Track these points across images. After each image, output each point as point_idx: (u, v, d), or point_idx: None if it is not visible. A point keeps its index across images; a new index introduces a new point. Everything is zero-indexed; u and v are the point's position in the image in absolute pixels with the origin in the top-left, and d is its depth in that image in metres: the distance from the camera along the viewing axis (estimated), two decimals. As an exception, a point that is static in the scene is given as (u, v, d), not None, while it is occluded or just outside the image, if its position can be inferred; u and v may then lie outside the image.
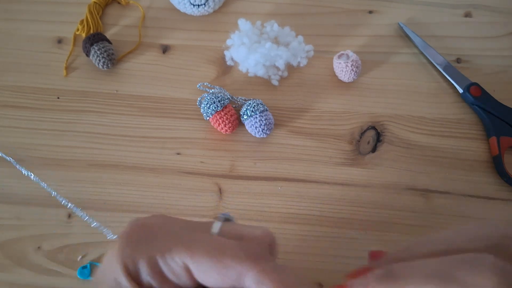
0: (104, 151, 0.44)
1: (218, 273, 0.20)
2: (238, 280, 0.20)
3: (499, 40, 0.50)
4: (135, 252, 0.20)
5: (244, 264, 0.20)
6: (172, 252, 0.20)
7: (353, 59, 0.45)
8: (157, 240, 0.20)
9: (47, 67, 0.48)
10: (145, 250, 0.20)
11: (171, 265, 0.20)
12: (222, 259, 0.20)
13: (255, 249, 0.21)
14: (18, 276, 0.40)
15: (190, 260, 0.20)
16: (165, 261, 0.20)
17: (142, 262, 0.20)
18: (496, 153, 0.43)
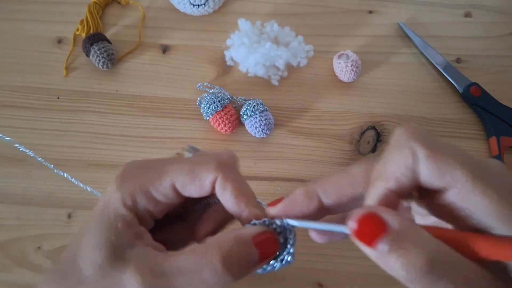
0: (104, 151, 0.44)
1: (197, 184, 0.24)
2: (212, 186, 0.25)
3: (499, 40, 0.50)
4: (131, 187, 0.24)
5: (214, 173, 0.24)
6: (160, 179, 0.24)
7: (353, 59, 0.45)
8: (146, 174, 0.25)
9: (47, 67, 0.48)
10: (139, 185, 0.24)
11: (161, 190, 0.24)
12: (196, 172, 0.25)
13: (224, 160, 0.25)
14: (18, 276, 0.40)
15: (173, 181, 0.24)
16: (156, 189, 0.24)
17: (138, 194, 0.24)
18: (496, 153, 0.43)
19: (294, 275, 0.40)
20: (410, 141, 0.20)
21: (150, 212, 0.25)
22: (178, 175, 0.25)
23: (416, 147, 0.20)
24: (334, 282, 0.40)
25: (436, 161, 0.20)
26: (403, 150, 0.20)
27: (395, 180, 0.21)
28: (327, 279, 0.40)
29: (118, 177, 0.25)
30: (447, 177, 0.20)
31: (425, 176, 0.20)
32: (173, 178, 0.24)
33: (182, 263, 0.22)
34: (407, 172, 0.20)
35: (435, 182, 0.20)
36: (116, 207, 0.24)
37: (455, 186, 0.20)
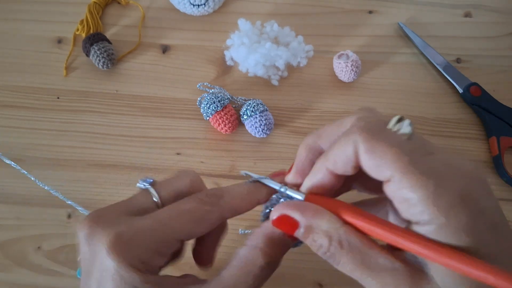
0: (104, 151, 0.44)
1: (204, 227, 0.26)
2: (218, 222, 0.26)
3: (499, 40, 0.50)
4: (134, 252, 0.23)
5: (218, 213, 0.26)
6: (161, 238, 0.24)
7: (353, 59, 0.45)
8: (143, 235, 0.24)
9: (47, 67, 0.48)
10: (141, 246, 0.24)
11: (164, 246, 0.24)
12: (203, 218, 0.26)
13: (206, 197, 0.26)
14: (18, 276, 0.40)
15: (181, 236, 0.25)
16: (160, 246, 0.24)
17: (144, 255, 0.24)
18: (496, 153, 0.43)
19: (294, 275, 0.40)
20: (356, 132, 0.22)
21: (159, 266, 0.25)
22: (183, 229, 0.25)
23: (358, 140, 0.22)
24: (334, 282, 0.40)
25: (374, 155, 0.21)
26: (347, 140, 0.22)
27: (333, 163, 0.23)
28: (327, 279, 0.40)
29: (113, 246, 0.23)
30: (383, 170, 0.21)
31: (365, 168, 0.22)
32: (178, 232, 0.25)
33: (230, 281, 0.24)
34: (346, 161, 0.22)
35: (374, 175, 0.22)
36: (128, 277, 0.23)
37: (390, 179, 0.21)
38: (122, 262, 0.22)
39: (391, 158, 0.20)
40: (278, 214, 0.24)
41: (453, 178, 0.20)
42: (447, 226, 0.19)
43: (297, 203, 0.24)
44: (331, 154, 0.23)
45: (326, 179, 0.24)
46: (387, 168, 0.21)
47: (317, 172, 0.24)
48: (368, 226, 0.22)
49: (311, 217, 0.23)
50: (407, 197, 0.20)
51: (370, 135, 0.21)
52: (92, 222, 0.24)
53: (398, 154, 0.20)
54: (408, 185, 0.20)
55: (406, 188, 0.20)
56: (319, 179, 0.24)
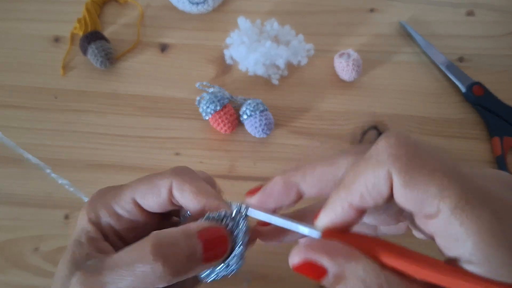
0: (102, 151, 0.44)
1: (154, 193, 0.24)
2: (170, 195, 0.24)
3: (502, 39, 0.49)
4: (96, 205, 0.25)
5: (168, 179, 0.24)
6: (121, 195, 0.25)
7: (354, 58, 0.45)
8: (110, 193, 0.26)
9: (44, 67, 0.48)
10: (102, 202, 0.25)
11: (122, 205, 0.25)
12: (153, 181, 0.25)
13: (179, 169, 0.25)
14: (16, 278, 0.39)
15: (133, 193, 0.25)
16: (118, 204, 0.25)
17: (101, 210, 0.25)
18: (499, 154, 0.43)
19: (294, 275, 0.40)
20: (389, 161, 0.18)
21: (114, 230, 0.25)
22: (136, 187, 0.25)
23: (394, 170, 0.18)
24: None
25: (413, 190, 0.18)
26: (378, 170, 0.18)
27: (360, 197, 0.19)
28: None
29: (88, 200, 0.26)
30: (426, 206, 0.18)
31: (401, 203, 0.19)
32: (132, 190, 0.25)
33: (119, 257, 0.22)
34: (375, 194, 0.19)
35: (414, 210, 0.18)
36: (82, 224, 0.25)
37: (436, 216, 0.18)
38: (84, 215, 0.25)
39: (438, 191, 0.17)
40: (300, 259, 0.20)
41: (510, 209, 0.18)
42: (503, 265, 0.17)
43: (323, 243, 0.20)
44: (356, 187, 0.19)
45: (347, 215, 0.20)
46: (433, 204, 0.17)
47: (336, 207, 0.20)
48: (413, 268, 0.18)
49: (343, 263, 0.19)
50: (457, 236, 0.17)
51: (406, 164, 0.18)
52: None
53: (446, 185, 0.17)
54: (459, 223, 0.17)
55: (456, 225, 0.17)
56: (339, 215, 0.20)
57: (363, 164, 0.19)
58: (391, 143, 0.19)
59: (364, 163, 0.19)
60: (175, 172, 0.25)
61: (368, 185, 0.19)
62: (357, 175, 0.19)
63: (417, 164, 0.18)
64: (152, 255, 0.20)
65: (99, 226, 0.25)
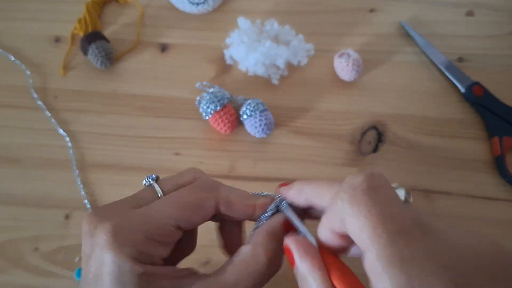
0: (102, 151, 0.44)
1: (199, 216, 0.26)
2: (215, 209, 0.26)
3: (502, 39, 0.49)
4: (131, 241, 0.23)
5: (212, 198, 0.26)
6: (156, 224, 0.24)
7: (354, 58, 0.45)
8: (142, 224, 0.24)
9: (45, 66, 0.48)
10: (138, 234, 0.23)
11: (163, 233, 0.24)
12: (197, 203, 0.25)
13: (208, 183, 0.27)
14: (15, 278, 0.39)
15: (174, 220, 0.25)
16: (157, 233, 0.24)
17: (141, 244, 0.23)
18: (498, 154, 0.43)
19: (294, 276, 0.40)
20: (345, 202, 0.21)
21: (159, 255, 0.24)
22: (177, 213, 0.25)
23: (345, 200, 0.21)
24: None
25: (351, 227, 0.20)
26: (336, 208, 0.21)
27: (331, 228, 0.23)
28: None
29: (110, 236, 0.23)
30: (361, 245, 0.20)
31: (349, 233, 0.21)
32: (172, 218, 0.25)
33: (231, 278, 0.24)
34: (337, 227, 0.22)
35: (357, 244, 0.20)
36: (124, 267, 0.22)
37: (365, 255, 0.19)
38: (121, 253, 0.22)
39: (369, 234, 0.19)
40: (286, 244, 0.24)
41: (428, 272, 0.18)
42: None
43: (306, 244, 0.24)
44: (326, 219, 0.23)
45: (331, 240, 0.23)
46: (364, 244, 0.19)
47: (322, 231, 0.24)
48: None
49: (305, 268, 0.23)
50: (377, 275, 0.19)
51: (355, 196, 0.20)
52: (94, 216, 0.24)
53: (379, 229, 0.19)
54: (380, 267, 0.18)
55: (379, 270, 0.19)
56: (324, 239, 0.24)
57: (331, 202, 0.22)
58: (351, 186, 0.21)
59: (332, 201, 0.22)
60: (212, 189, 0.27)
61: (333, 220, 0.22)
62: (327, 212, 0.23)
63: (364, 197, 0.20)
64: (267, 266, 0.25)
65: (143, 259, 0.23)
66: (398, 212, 0.20)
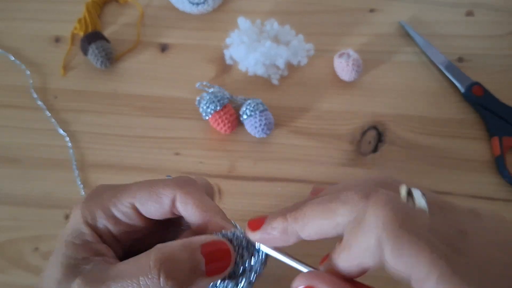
0: (102, 151, 0.44)
1: (155, 201, 0.24)
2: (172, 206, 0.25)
3: (502, 39, 0.49)
4: (92, 205, 0.25)
5: (172, 189, 0.24)
6: (119, 198, 0.24)
7: (354, 58, 0.45)
8: (108, 194, 0.25)
9: (45, 66, 0.48)
10: (99, 203, 0.25)
11: (120, 209, 0.24)
12: (155, 189, 0.24)
13: (183, 179, 0.25)
14: (15, 278, 0.39)
15: (133, 199, 0.24)
16: (116, 207, 0.24)
17: (98, 211, 0.24)
18: (498, 153, 0.43)
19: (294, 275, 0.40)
20: (379, 228, 0.19)
21: (111, 233, 0.25)
22: (136, 192, 0.24)
23: (383, 238, 0.19)
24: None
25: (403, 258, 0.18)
26: (370, 237, 0.19)
27: (358, 262, 0.20)
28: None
29: (83, 199, 0.25)
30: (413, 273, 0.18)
31: (390, 270, 0.19)
32: (132, 195, 0.24)
33: (123, 267, 0.22)
34: (370, 256, 0.20)
35: (402, 275, 0.19)
36: (76, 225, 0.24)
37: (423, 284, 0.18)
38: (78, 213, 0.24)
39: (425, 262, 0.18)
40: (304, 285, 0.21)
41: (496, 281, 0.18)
42: None
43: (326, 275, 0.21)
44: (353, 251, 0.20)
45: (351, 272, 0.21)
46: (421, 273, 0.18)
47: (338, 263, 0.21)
48: None
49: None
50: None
51: (397, 231, 0.18)
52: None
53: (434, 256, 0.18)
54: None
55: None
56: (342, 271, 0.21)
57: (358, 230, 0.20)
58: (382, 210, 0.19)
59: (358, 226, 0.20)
60: (179, 184, 0.25)
61: (363, 249, 0.20)
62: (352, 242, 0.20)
63: (406, 231, 0.19)
64: (155, 268, 0.21)
65: (95, 227, 0.24)
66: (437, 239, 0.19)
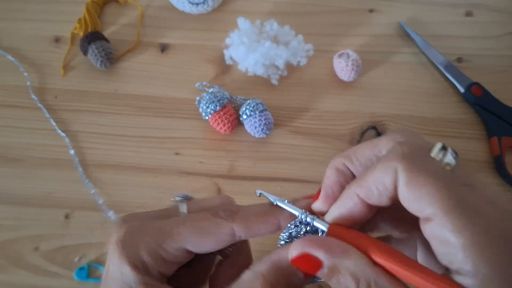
0: (102, 151, 0.44)
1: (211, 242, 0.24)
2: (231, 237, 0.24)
3: (500, 40, 0.50)
4: (136, 246, 0.23)
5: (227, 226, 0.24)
6: (168, 240, 0.24)
7: (353, 58, 0.45)
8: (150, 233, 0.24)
9: (45, 66, 0.48)
10: (144, 244, 0.23)
11: (171, 252, 0.24)
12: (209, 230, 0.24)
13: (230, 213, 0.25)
14: (15, 277, 0.39)
15: (184, 243, 0.24)
16: (165, 250, 0.24)
17: (145, 254, 0.23)
18: (497, 153, 0.43)
19: None
20: (396, 160, 0.19)
21: (161, 272, 0.24)
22: (188, 237, 0.24)
23: (399, 168, 0.19)
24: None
25: (415, 188, 0.19)
26: (385, 168, 0.20)
27: (367, 190, 0.21)
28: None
29: (122, 237, 0.24)
30: (424, 206, 0.19)
31: (403, 201, 0.20)
32: (183, 239, 0.24)
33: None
34: (380, 187, 0.20)
35: (413, 209, 0.19)
36: (123, 270, 0.23)
37: (431, 217, 0.19)
38: (123, 258, 0.23)
39: (435, 194, 0.18)
40: (298, 252, 0.21)
41: (501, 223, 0.18)
42: (492, 279, 0.17)
43: (320, 239, 0.22)
44: (366, 181, 0.21)
45: (357, 209, 0.21)
46: (429, 205, 0.18)
47: (347, 200, 0.22)
48: (401, 271, 0.19)
49: (337, 257, 0.20)
50: (449, 241, 0.18)
51: (412, 164, 0.19)
52: (118, 220, 0.25)
53: (443, 190, 0.18)
54: (451, 228, 0.18)
55: (449, 230, 0.18)
56: (348, 208, 0.22)
57: (377, 161, 0.21)
58: (400, 143, 0.20)
59: (377, 161, 0.21)
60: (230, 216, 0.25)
61: (376, 178, 0.20)
62: (369, 171, 0.21)
63: (421, 167, 0.19)
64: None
65: (144, 271, 0.23)
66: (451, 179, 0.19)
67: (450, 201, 0.18)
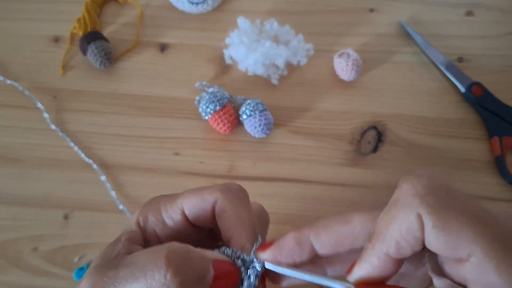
0: (101, 151, 0.44)
1: (199, 204, 0.25)
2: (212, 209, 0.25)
3: (501, 39, 0.49)
4: (147, 210, 0.25)
5: (215, 193, 0.25)
6: (172, 203, 0.25)
7: (353, 58, 0.45)
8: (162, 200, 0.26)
9: (44, 66, 0.48)
10: (153, 208, 0.26)
11: (170, 214, 0.25)
12: (202, 194, 0.25)
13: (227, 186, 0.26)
14: (14, 278, 0.39)
15: (183, 203, 0.25)
16: (167, 212, 0.25)
17: (150, 215, 0.25)
18: (498, 154, 0.43)
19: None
20: (416, 203, 0.18)
21: (157, 236, 0.25)
22: (187, 197, 0.25)
23: (423, 212, 0.18)
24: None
25: (445, 232, 0.17)
26: (407, 213, 0.18)
27: (396, 245, 0.19)
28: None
29: (143, 204, 0.26)
30: (459, 249, 0.18)
31: (431, 246, 0.18)
32: (183, 200, 0.25)
33: (137, 256, 0.22)
34: (410, 238, 0.18)
35: (444, 253, 0.18)
36: (130, 224, 0.25)
37: (467, 260, 0.18)
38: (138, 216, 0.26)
39: (471, 235, 0.17)
40: None
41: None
42: None
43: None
44: (390, 234, 0.19)
45: (385, 267, 0.19)
46: (465, 247, 0.17)
47: (372, 259, 0.20)
48: None
49: None
50: (491, 282, 0.17)
51: (437, 204, 0.18)
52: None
53: (480, 229, 0.17)
54: (493, 268, 0.17)
55: (490, 271, 0.17)
56: (376, 268, 0.19)
57: (393, 210, 0.19)
58: (414, 185, 0.19)
59: (393, 209, 0.19)
60: (222, 189, 0.25)
61: (402, 230, 0.18)
62: (388, 222, 0.19)
63: (446, 206, 0.18)
64: (165, 260, 0.20)
65: (143, 230, 0.25)
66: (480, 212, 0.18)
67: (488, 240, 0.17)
